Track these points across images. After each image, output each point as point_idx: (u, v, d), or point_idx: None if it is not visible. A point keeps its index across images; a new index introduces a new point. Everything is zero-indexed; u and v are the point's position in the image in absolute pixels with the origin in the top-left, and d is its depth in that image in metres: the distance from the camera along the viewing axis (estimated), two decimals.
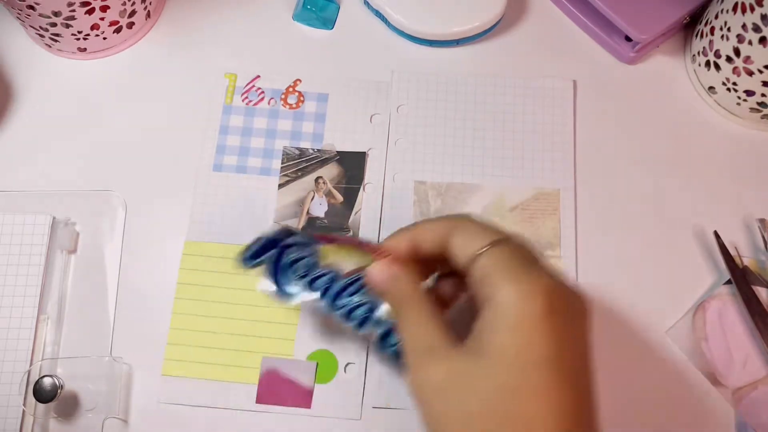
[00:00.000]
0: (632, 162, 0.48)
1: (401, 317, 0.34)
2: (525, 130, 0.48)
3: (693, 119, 0.49)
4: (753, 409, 0.42)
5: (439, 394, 0.30)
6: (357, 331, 0.36)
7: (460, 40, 0.50)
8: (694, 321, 0.44)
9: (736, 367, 0.43)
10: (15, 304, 0.44)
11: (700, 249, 0.46)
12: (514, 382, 0.29)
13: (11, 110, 0.49)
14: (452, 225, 0.34)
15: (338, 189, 0.47)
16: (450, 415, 0.30)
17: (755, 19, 0.41)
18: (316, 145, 0.48)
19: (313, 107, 0.49)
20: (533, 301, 0.29)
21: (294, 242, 0.38)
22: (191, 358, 0.43)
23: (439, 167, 0.47)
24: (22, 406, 0.41)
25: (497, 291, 0.30)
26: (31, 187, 0.47)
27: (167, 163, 0.48)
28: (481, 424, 0.29)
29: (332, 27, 0.52)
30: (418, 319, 0.33)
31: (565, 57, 0.51)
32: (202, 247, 0.45)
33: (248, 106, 0.49)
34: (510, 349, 0.29)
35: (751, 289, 0.43)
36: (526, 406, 0.29)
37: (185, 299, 0.44)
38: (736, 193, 0.47)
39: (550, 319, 0.29)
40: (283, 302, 0.38)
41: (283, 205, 0.47)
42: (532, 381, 0.29)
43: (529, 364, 0.29)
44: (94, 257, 0.46)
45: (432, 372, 0.30)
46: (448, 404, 0.30)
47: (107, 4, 0.46)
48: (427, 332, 0.32)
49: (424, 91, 0.49)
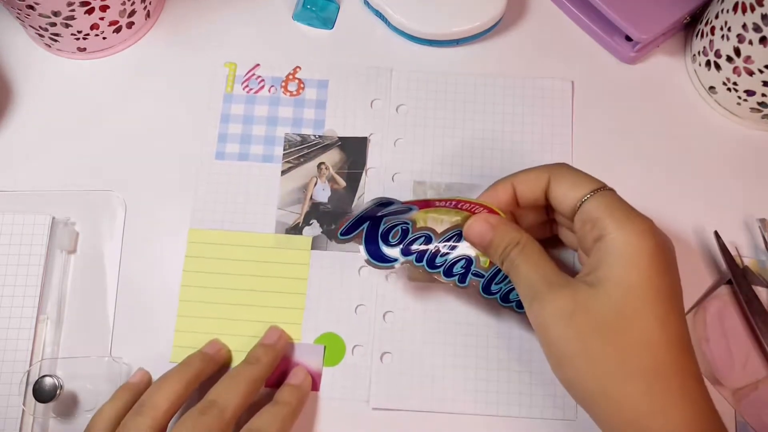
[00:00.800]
0: (632, 162, 0.48)
1: (515, 259, 0.36)
2: (524, 130, 0.48)
3: (693, 119, 0.49)
4: (753, 409, 0.42)
5: (563, 320, 0.33)
6: (459, 285, 0.39)
7: (460, 40, 0.50)
8: (695, 321, 0.44)
9: (737, 368, 0.43)
10: (15, 304, 0.44)
11: (700, 249, 0.46)
12: (632, 308, 0.32)
13: (11, 110, 0.49)
14: (552, 173, 0.37)
15: (341, 174, 0.47)
16: (576, 336, 0.33)
17: (756, 19, 0.41)
18: (317, 132, 0.48)
19: (313, 94, 0.49)
20: (646, 239, 0.33)
21: (387, 212, 0.39)
22: (199, 344, 0.43)
23: (438, 167, 0.47)
24: (22, 406, 0.41)
25: (611, 230, 0.33)
26: (31, 187, 0.47)
27: (168, 158, 0.48)
28: (602, 346, 0.32)
29: (332, 27, 0.52)
30: (534, 259, 0.36)
31: (565, 57, 0.51)
32: (207, 235, 0.46)
33: (249, 95, 0.49)
34: (628, 280, 0.33)
35: (751, 289, 0.43)
36: (643, 330, 0.32)
37: (192, 286, 0.45)
38: (737, 193, 0.47)
39: (661, 255, 0.33)
40: (383, 269, 0.39)
41: (286, 192, 0.47)
42: (649, 308, 0.32)
43: (647, 293, 0.32)
44: (93, 257, 0.46)
45: (559, 302, 0.34)
46: (575, 327, 0.33)
47: (107, 4, 0.46)
48: (545, 269, 0.35)
49: (424, 91, 0.49)
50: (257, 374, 0.40)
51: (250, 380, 0.39)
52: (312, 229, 0.46)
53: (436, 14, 0.49)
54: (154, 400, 0.37)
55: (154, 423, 0.36)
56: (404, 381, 0.43)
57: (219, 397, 0.37)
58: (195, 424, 0.36)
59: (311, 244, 0.46)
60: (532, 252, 0.36)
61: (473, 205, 0.39)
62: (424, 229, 0.39)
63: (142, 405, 0.37)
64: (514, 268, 0.36)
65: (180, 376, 0.39)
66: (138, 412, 0.37)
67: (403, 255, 0.39)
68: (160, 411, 0.37)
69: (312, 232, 0.46)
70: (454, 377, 0.43)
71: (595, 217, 0.34)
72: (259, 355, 0.41)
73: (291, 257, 0.45)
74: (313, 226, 0.46)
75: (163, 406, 0.37)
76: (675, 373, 0.32)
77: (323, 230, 0.46)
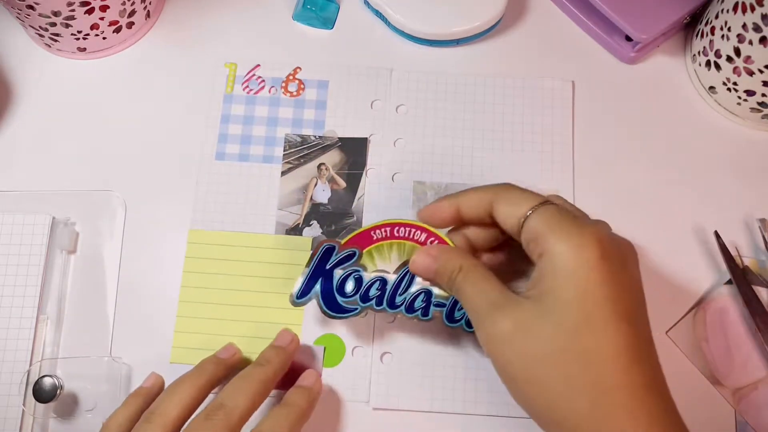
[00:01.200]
0: (632, 162, 0.48)
1: (460, 285, 0.36)
2: (524, 130, 0.48)
3: (693, 119, 0.49)
4: (753, 409, 0.42)
5: (507, 343, 0.33)
6: (422, 319, 0.39)
7: (460, 40, 0.50)
8: (695, 321, 0.44)
9: (737, 368, 0.43)
10: (15, 304, 0.44)
11: (700, 249, 0.45)
12: (574, 321, 0.31)
13: (11, 110, 0.49)
14: (495, 192, 0.37)
15: (341, 175, 0.47)
16: (519, 360, 0.32)
17: (756, 19, 0.41)
18: (317, 132, 0.48)
19: (313, 94, 0.49)
20: (586, 249, 0.32)
21: (335, 262, 0.40)
22: (199, 345, 0.43)
23: (438, 167, 0.47)
24: (22, 406, 0.41)
25: (551, 246, 0.33)
26: (31, 187, 0.47)
27: (168, 158, 0.48)
28: (548, 363, 0.32)
29: (332, 27, 0.52)
30: (477, 281, 0.35)
31: (565, 57, 0.51)
32: (207, 236, 0.46)
33: (249, 95, 0.49)
34: (568, 293, 0.32)
35: (751, 289, 0.43)
36: (587, 342, 0.31)
37: (191, 287, 0.45)
38: (737, 192, 0.47)
39: (604, 263, 0.32)
40: (346, 319, 0.39)
41: (286, 192, 0.47)
42: (592, 319, 0.31)
43: (587, 305, 0.31)
44: (93, 257, 0.46)
45: (500, 325, 0.33)
46: (516, 350, 0.32)
47: (107, 4, 0.46)
48: (489, 290, 0.35)
49: (424, 91, 0.49)
50: (267, 376, 0.39)
51: (260, 382, 0.38)
52: (312, 229, 0.46)
53: (436, 14, 0.49)
54: (164, 407, 0.37)
55: (163, 431, 0.36)
56: (404, 381, 0.43)
57: (227, 399, 0.37)
58: (200, 429, 0.35)
59: (311, 244, 0.46)
60: (475, 275, 0.36)
61: (410, 229, 0.40)
62: (376, 272, 0.39)
63: (152, 413, 0.36)
64: (460, 294, 0.36)
65: (192, 381, 0.38)
66: (148, 420, 0.36)
67: (362, 302, 0.39)
68: (170, 418, 0.36)
69: (312, 233, 0.46)
70: (455, 377, 0.43)
71: (537, 234, 0.34)
72: (270, 356, 0.40)
73: (291, 258, 0.45)
74: (313, 226, 0.46)
75: (173, 413, 0.36)
76: (621, 386, 0.31)
77: (323, 231, 0.46)
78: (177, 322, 0.44)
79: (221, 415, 0.36)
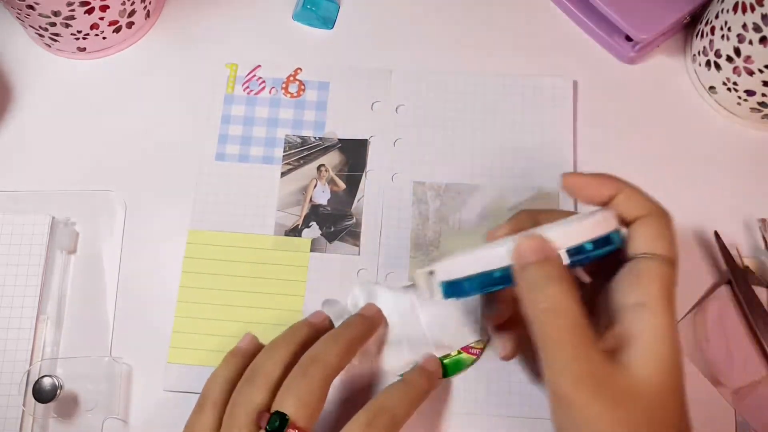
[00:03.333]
0: (632, 162, 0.48)
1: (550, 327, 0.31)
2: (524, 130, 0.48)
3: (693, 119, 0.49)
4: (753, 409, 0.42)
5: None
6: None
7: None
8: (695, 321, 0.44)
9: (737, 368, 0.43)
10: (15, 304, 0.44)
11: (700, 249, 0.45)
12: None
13: (11, 110, 0.49)
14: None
15: (341, 176, 0.47)
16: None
17: (756, 19, 0.41)
18: (317, 133, 0.48)
19: (314, 96, 0.49)
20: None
21: None
22: (196, 345, 0.44)
23: (438, 167, 0.47)
24: (22, 406, 0.42)
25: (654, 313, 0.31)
26: (31, 187, 0.47)
27: (168, 158, 0.48)
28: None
29: (332, 27, 0.52)
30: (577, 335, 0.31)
31: (565, 57, 0.51)
32: (206, 236, 0.46)
33: (249, 96, 0.49)
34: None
35: (751, 289, 0.43)
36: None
37: (190, 287, 0.45)
38: (737, 193, 0.47)
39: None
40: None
41: (285, 193, 0.47)
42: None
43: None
44: (93, 257, 0.46)
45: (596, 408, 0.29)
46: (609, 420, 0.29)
47: (107, 4, 0.46)
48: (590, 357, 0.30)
49: (424, 91, 0.49)
50: (355, 336, 0.39)
51: (349, 340, 0.38)
52: (311, 231, 0.46)
53: None
54: (266, 367, 0.37)
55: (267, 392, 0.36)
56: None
57: (320, 353, 0.37)
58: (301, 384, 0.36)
59: (310, 246, 0.46)
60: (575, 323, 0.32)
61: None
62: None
63: (254, 373, 0.37)
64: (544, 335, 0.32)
65: (288, 342, 0.39)
66: (251, 380, 0.37)
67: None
68: (273, 378, 0.37)
69: (311, 234, 0.46)
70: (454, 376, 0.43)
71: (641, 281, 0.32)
72: (356, 321, 0.40)
73: (290, 259, 0.45)
74: (312, 228, 0.46)
75: (275, 372, 0.37)
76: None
77: (322, 232, 0.46)
78: (175, 322, 0.44)
79: (319, 366, 0.36)
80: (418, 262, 0.45)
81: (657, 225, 0.33)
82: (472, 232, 0.46)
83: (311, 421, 0.35)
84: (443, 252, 0.45)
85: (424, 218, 0.46)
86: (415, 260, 0.45)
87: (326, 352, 0.37)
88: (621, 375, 0.30)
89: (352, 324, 0.40)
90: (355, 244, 0.46)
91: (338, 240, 0.46)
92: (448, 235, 0.46)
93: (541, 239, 0.32)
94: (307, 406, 0.35)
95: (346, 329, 0.40)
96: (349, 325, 0.40)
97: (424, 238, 0.46)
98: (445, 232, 0.46)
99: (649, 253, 0.32)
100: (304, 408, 0.35)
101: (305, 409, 0.35)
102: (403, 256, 0.45)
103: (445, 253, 0.45)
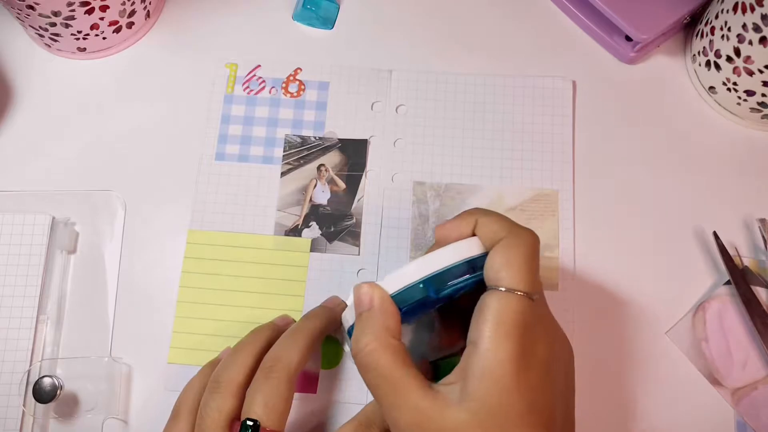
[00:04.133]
0: (631, 162, 0.48)
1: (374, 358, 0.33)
2: (524, 130, 0.48)
3: (693, 119, 0.49)
4: (753, 410, 0.42)
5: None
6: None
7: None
8: (694, 322, 0.44)
9: (736, 368, 0.43)
10: (15, 304, 0.44)
11: (700, 249, 0.45)
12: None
13: (11, 110, 0.49)
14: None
15: (341, 176, 0.47)
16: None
17: (755, 19, 0.41)
18: (317, 133, 0.48)
19: (314, 95, 0.49)
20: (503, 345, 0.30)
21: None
22: (196, 345, 0.44)
23: (438, 167, 0.47)
24: (22, 407, 0.42)
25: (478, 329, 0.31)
26: (31, 187, 0.47)
27: (168, 158, 0.48)
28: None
29: (332, 27, 0.52)
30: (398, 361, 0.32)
31: (565, 57, 0.51)
32: (206, 236, 0.46)
33: (249, 96, 0.49)
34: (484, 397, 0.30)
35: (750, 289, 0.43)
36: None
37: (190, 287, 0.45)
38: (736, 193, 0.47)
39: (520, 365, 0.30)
40: None
41: (285, 193, 0.47)
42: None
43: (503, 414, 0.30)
44: (93, 257, 0.46)
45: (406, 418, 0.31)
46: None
47: (107, 4, 0.46)
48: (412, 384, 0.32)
49: (424, 92, 0.49)
50: (316, 328, 0.39)
51: (309, 334, 0.38)
52: (311, 231, 0.46)
53: None
54: (228, 374, 0.37)
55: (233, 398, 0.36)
56: None
57: (282, 352, 0.37)
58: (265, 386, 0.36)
59: (310, 246, 0.46)
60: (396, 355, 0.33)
61: None
62: None
63: (217, 382, 0.37)
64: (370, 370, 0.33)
65: (251, 347, 0.39)
66: (215, 389, 0.37)
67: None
68: (236, 384, 0.37)
69: (311, 234, 0.46)
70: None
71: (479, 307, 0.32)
72: (318, 312, 0.41)
73: (290, 259, 0.45)
74: (312, 228, 0.46)
75: (238, 378, 0.37)
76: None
77: (322, 232, 0.46)
78: (175, 322, 0.44)
79: (280, 367, 0.36)
80: None
81: (504, 253, 0.32)
82: None
83: (281, 421, 0.35)
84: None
85: (424, 218, 0.46)
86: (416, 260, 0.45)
87: (287, 351, 0.37)
88: (440, 415, 0.30)
89: (311, 316, 0.40)
90: (355, 244, 0.46)
91: (338, 240, 0.46)
92: None
93: (370, 288, 0.34)
94: (275, 408, 0.35)
95: (306, 322, 0.40)
96: (309, 318, 0.40)
97: (424, 238, 0.46)
98: None
99: (492, 285, 0.32)
100: (273, 411, 0.35)
101: (274, 412, 0.35)
102: (403, 256, 0.45)
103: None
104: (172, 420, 0.38)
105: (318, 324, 0.40)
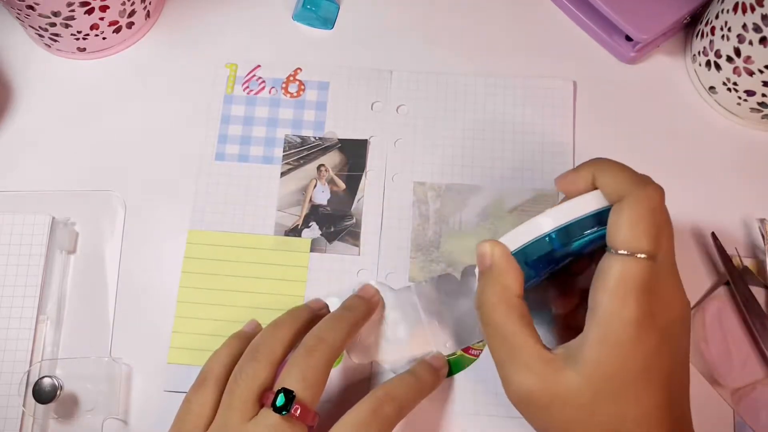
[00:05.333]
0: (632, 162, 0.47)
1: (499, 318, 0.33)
2: (524, 130, 0.48)
3: (693, 119, 0.49)
4: (752, 410, 0.42)
5: (545, 409, 0.32)
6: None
7: None
8: (694, 322, 0.44)
9: (736, 368, 0.43)
10: (14, 305, 0.44)
11: (699, 250, 0.45)
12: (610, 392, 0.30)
13: (11, 110, 0.49)
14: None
15: (340, 176, 0.47)
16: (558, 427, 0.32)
17: (756, 19, 0.41)
18: (317, 133, 0.48)
19: (314, 95, 0.49)
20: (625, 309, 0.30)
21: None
22: (196, 346, 0.44)
23: (438, 168, 0.47)
24: (22, 407, 0.42)
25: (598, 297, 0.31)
26: (31, 187, 0.47)
27: (168, 159, 0.48)
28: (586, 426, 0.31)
29: (332, 27, 0.52)
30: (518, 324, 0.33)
31: (565, 57, 0.51)
32: (206, 236, 0.46)
33: (249, 96, 0.49)
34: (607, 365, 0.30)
35: (749, 290, 0.43)
36: (623, 411, 0.30)
37: (190, 287, 0.45)
38: (736, 193, 0.47)
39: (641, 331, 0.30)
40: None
41: (285, 193, 0.47)
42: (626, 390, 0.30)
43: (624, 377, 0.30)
44: (93, 257, 0.46)
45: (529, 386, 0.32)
46: (555, 418, 0.32)
47: (106, 4, 0.46)
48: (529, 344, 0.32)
49: (424, 92, 0.49)
50: (356, 318, 0.39)
51: (350, 322, 0.39)
52: (311, 231, 0.46)
53: None
54: (269, 344, 0.37)
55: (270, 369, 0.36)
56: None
57: (325, 334, 0.37)
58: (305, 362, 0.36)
59: (310, 246, 0.46)
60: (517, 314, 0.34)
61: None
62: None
63: (257, 350, 0.37)
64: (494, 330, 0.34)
65: (290, 324, 0.39)
66: (254, 357, 0.37)
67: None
68: (275, 355, 0.37)
69: (311, 234, 0.46)
70: (454, 376, 0.43)
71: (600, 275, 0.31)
72: (356, 304, 0.40)
73: (290, 259, 0.45)
74: (312, 228, 0.46)
75: (278, 350, 0.37)
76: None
77: (322, 232, 0.46)
78: (175, 322, 0.44)
79: (323, 347, 0.36)
80: (419, 263, 0.45)
81: (625, 212, 0.31)
82: (472, 232, 0.46)
83: (315, 400, 0.35)
84: (443, 252, 0.45)
85: (424, 218, 0.46)
86: (415, 260, 0.45)
87: (331, 334, 0.37)
88: (553, 377, 0.31)
89: (353, 306, 0.40)
90: (355, 244, 0.46)
91: (338, 240, 0.46)
92: (448, 236, 0.46)
93: (490, 246, 0.34)
94: (312, 385, 0.35)
95: (349, 312, 0.40)
96: (351, 308, 0.40)
97: (424, 239, 0.46)
98: (445, 232, 0.46)
99: (612, 247, 0.31)
100: (310, 387, 0.35)
101: (310, 389, 0.35)
102: (403, 256, 0.45)
103: (444, 253, 0.45)
104: (199, 386, 0.37)
105: (359, 315, 0.40)
